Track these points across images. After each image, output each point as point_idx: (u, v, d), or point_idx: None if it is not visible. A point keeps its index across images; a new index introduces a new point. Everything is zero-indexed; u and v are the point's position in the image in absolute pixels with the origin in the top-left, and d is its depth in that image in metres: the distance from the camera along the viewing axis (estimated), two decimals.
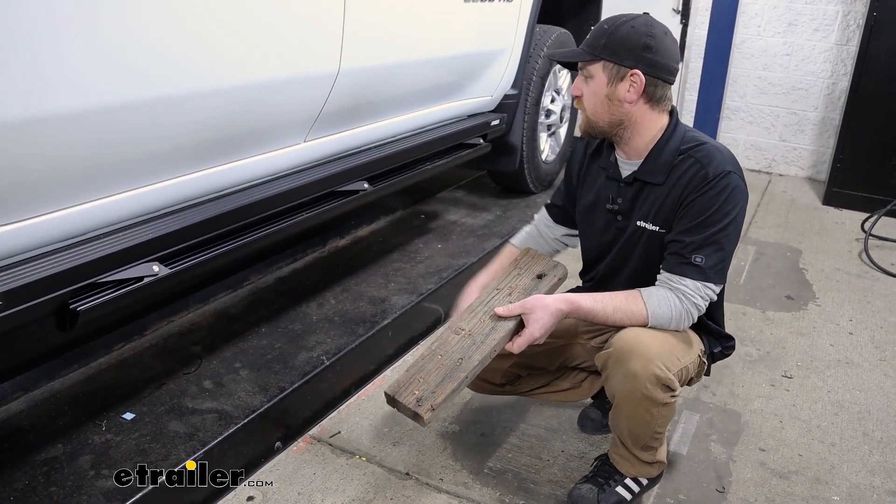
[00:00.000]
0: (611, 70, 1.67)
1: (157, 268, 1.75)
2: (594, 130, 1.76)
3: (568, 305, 1.69)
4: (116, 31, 1.52)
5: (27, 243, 1.55)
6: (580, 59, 1.72)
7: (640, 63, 1.65)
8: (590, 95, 1.72)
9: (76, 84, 1.47)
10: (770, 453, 2.15)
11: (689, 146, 1.72)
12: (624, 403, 1.71)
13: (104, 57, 1.51)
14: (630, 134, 1.74)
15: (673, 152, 1.72)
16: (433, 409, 1.56)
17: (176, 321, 2.51)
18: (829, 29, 4.93)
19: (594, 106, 1.72)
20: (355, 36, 2.24)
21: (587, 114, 1.74)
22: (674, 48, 1.70)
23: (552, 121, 4.12)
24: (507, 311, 1.71)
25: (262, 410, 2.05)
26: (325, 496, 1.90)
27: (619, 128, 1.73)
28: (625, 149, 1.78)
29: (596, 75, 1.69)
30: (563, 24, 4.11)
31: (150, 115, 1.68)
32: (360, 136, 2.62)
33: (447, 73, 3.00)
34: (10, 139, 1.38)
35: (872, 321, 3.05)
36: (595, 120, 1.73)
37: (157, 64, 1.64)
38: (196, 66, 1.75)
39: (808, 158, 5.25)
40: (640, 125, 1.72)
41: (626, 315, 1.69)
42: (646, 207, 1.76)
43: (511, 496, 1.93)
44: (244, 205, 2.03)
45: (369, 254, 3.20)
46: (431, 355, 1.69)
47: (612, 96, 1.68)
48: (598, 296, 1.72)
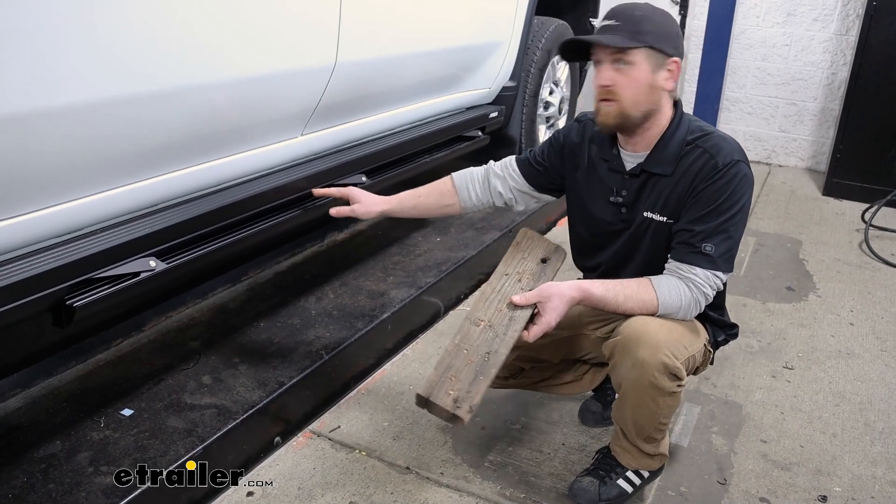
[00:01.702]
0: (656, 58, 1.64)
1: (154, 263, 1.74)
2: (628, 121, 1.69)
3: (580, 293, 1.67)
4: (111, 25, 1.50)
5: (23, 239, 1.54)
6: (625, 45, 1.61)
7: (678, 51, 1.66)
8: (629, 84, 1.64)
9: (69, 78, 1.45)
10: (771, 445, 2.15)
11: (696, 136, 1.71)
12: (630, 392, 1.70)
13: (98, 50, 1.49)
14: (651, 124, 1.72)
15: (680, 142, 1.71)
16: (471, 410, 1.53)
17: (174, 316, 2.50)
18: (828, 19, 4.91)
19: (635, 95, 1.65)
20: (352, 28, 2.22)
21: (624, 103, 1.66)
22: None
23: (551, 113, 4.10)
24: (524, 300, 1.67)
25: (262, 405, 2.04)
26: (325, 491, 1.89)
27: (647, 118, 1.70)
28: (636, 140, 1.75)
29: (637, 62, 1.63)
30: (561, 15, 4.08)
31: (145, 109, 1.67)
32: (358, 129, 2.60)
33: (445, 66, 2.99)
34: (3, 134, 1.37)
35: (873, 311, 3.04)
36: (631, 110, 1.66)
37: (152, 57, 1.63)
38: (191, 59, 1.74)
39: (807, 149, 5.24)
40: (661, 114, 1.71)
41: (637, 304, 1.67)
42: (652, 198, 1.75)
43: (512, 489, 1.92)
44: (241, 199, 2.02)
45: (368, 247, 3.19)
46: (457, 350, 1.65)
47: (654, 85, 1.66)
48: (609, 283, 1.70)
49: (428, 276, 2.91)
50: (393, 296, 2.72)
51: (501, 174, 2.02)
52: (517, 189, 2.02)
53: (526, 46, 3.59)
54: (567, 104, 4.28)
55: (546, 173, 1.98)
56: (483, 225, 3.50)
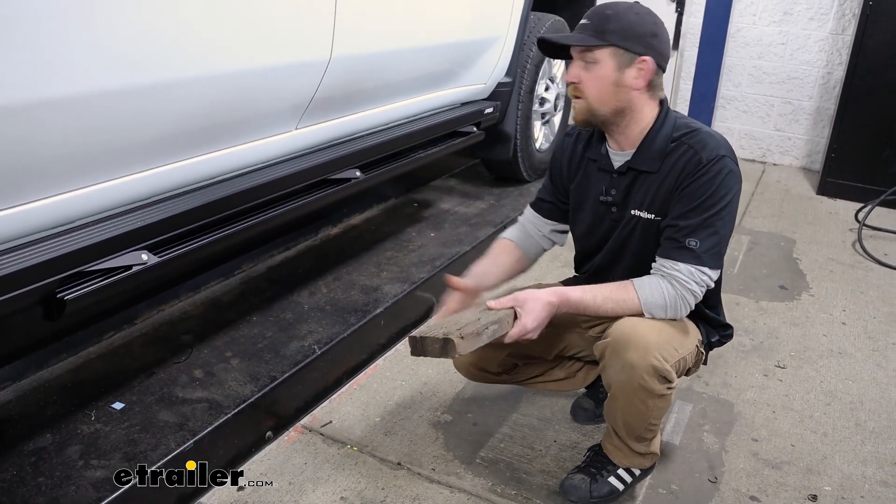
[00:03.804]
0: (621, 56, 1.65)
1: (146, 256, 1.73)
2: (595, 118, 1.73)
3: (557, 297, 1.67)
4: (102, 17, 1.49)
5: (13, 231, 1.53)
6: (587, 43, 1.67)
7: (650, 50, 1.65)
8: (594, 81, 1.69)
9: (62, 70, 1.44)
10: (762, 443, 2.15)
11: (682, 133, 1.72)
12: (620, 394, 1.70)
13: (91, 43, 1.48)
14: (628, 122, 1.73)
15: (666, 139, 1.72)
16: (462, 336, 1.51)
17: (166, 310, 2.49)
18: (824, 18, 4.92)
19: (599, 93, 1.69)
20: (347, 23, 2.21)
21: (589, 101, 1.71)
22: (668, 36, 1.72)
23: (546, 109, 4.10)
24: (499, 304, 1.69)
25: (253, 400, 2.04)
26: (317, 486, 1.89)
27: (620, 116, 1.72)
28: (619, 139, 1.77)
29: (602, 61, 1.67)
30: (557, 11, 4.08)
31: (138, 101, 1.66)
32: (353, 124, 2.59)
33: (440, 61, 2.98)
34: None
35: (865, 311, 3.05)
36: (598, 107, 1.71)
37: (145, 50, 1.62)
38: (185, 52, 1.73)
39: (802, 148, 5.25)
40: (639, 113, 1.72)
41: (616, 304, 1.68)
42: (640, 196, 1.76)
43: (503, 486, 1.92)
44: (235, 193, 2.01)
45: (361, 242, 3.18)
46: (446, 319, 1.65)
47: (619, 83, 1.67)
48: (588, 287, 1.71)
49: (421, 271, 2.91)
50: (386, 291, 2.72)
51: (532, 226, 2.03)
52: (551, 231, 2.02)
53: (522, 42, 3.58)
54: (563, 100, 4.27)
55: (557, 199, 1.97)
56: (477, 221, 3.50)
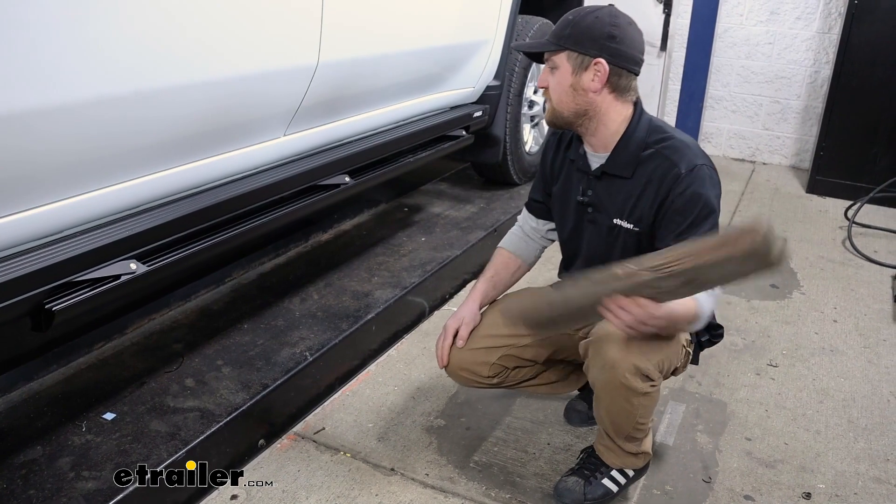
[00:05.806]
0: (575, 59, 1.69)
1: (135, 265, 1.72)
2: (559, 121, 1.78)
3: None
4: (89, 24, 1.48)
5: (1, 243, 1.52)
6: (544, 49, 1.74)
7: (604, 52, 1.66)
8: (556, 85, 1.73)
9: (47, 79, 1.43)
10: (756, 442, 2.15)
11: (655, 139, 1.73)
12: (603, 393, 1.70)
13: (76, 50, 1.48)
14: (595, 125, 1.75)
15: (639, 144, 1.73)
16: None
17: (157, 319, 2.48)
18: (811, 17, 4.94)
19: (559, 95, 1.73)
20: (334, 28, 2.21)
21: (552, 104, 1.76)
22: (639, 38, 1.71)
23: (535, 112, 4.10)
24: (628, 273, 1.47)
25: (245, 408, 2.03)
26: (310, 493, 1.88)
27: (584, 118, 1.74)
28: (591, 141, 1.79)
29: (561, 65, 1.71)
30: (545, 14, 4.08)
31: (125, 109, 1.65)
32: (341, 130, 2.59)
33: (428, 65, 2.98)
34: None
35: (856, 308, 3.06)
36: (560, 110, 1.75)
37: (131, 58, 1.61)
38: (172, 59, 1.72)
39: (791, 147, 5.27)
40: (606, 115, 1.73)
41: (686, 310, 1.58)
42: (619, 203, 1.77)
43: (497, 490, 1.92)
44: (224, 200, 2.00)
45: (352, 248, 3.17)
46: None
47: (576, 86, 1.70)
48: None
49: (412, 276, 2.90)
50: (377, 296, 2.71)
51: (530, 228, 2.06)
52: (548, 230, 2.05)
53: (510, 45, 3.58)
54: None
55: (547, 198, 2.00)
56: (468, 224, 3.50)
